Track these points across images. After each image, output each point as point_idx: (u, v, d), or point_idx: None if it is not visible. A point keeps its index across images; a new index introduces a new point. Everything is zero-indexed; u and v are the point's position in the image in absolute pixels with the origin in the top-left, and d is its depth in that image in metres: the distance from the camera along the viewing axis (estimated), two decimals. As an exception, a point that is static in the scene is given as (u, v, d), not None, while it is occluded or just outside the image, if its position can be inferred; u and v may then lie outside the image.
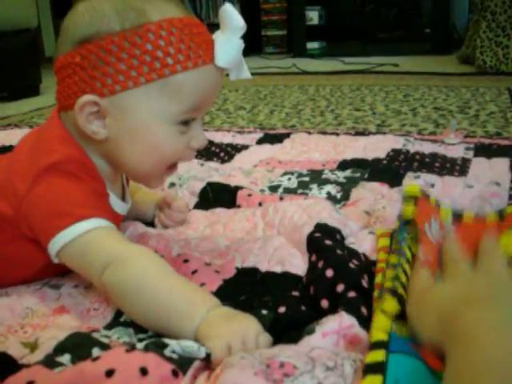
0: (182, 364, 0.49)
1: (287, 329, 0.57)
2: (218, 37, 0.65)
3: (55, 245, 0.63)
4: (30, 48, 2.86)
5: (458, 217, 0.74)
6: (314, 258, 0.71)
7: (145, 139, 0.65)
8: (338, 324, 0.55)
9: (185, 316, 0.55)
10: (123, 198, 0.77)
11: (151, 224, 0.90)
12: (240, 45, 0.65)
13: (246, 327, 0.54)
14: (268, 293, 0.65)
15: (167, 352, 0.50)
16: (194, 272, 0.71)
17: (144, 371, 0.47)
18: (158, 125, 0.64)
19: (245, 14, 3.86)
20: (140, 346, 0.51)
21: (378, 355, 0.47)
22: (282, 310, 0.60)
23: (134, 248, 0.63)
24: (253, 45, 4.27)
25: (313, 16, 4.07)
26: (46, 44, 5.22)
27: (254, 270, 0.71)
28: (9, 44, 2.70)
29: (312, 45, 4.10)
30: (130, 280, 0.59)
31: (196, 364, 0.50)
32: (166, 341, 0.51)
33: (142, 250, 0.63)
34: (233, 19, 0.63)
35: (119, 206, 0.74)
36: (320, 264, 0.68)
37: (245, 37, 0.66)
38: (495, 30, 2.70)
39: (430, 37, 3.83)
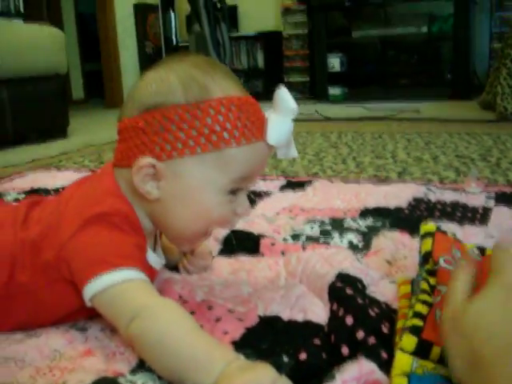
0: None
1: (308, 376, 0.58)
2: (271, 116, 0.70)
3: (90, 290, 0.65)
4: (59, 92, 2.96)
5: (481, 251, 0.75)
6: (335, 307, 0.73)
7: (194, 205, 0.69)
8: (358, 371, 0.56)
9: (204, 371, 0.57)
10: (154, 252, 0.79)
11: (176, 269, 0.91)
12: (291, 126, 0.70)
13: (261, 375, 0.55)
14: (290, 341, 0.67)
15: None
16: (218, 320, 0.72)
17: None
18: (208, 192, 0.69)
19: (268, 60, 3.94)
20: None
21: None
22: (302, 356, 0.62)
23: (161, 302, 0.65)
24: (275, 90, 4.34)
25: (334, 63, 4.15)
26: (73, 88, 5.37)
27: (276, 318, 0.72)
28: (40, 88, 2.81)
29: (334, 90, 4.16)
30: (153, 334, 0.61)
31: None
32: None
33: (168, 304, 0.65)
34: (286, 102, 0.69)
35: (155, 262, 0.77)
36: (340, 312, 0.69)
37: (268, 82, 0.70)
38: (516, 78, 2.73)
39: (451, 83, 3.87)
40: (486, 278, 0.51)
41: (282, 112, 0.69)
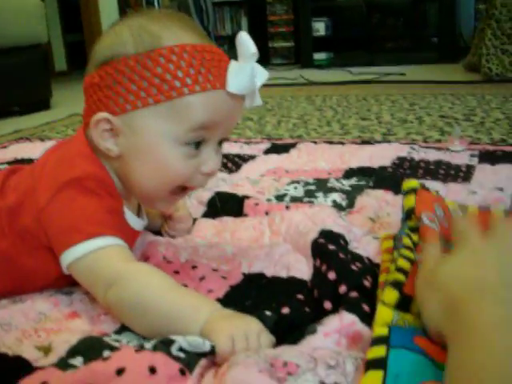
0: (189, 363, 0.51)
1: (290, 330, 0.59)
2: (231, 63, 0.67)
3: (66, 258, 0.66)
4: (41, 63, 2.91)
5: (463, 208, 0.76)
6: (318, 263, 0.73)
7: (151, 159, 0.67)
8: (339, 323, 0.56)
9: (189, 320, 0.58)
10: (138, 215, 0.79)
11: (160, 234, 0.92)
12: (252, 71, 0.66)
13: (248, 324, 0.57)
14: (273, 297, 0.67)
15: (174, 351, 0.52)
16: (202, 279, 0.73)
17: (152, 370, 0.49)
18: (163, 144, 0.66)
19: (252, 26, 3.90)
20: (148, 346, 0.53)
21: (378, 351, 0.48)
22: (285, 310, 0.62)
23: (136, 266, 0.65)
24: (260, 56, 4.29)
25: (319, 27, 4.11)
26: (56, 59, 5.28)
27: (260, 275, 0.73)
28: (19, 59, 2.76)
29: (319, 55, 4.13)
30: (131, 297, 0.61)
31: (202, 362, 0.52)
32: (173, 337, 0.54)
33: (143, 268, 0.66)
34: (245, 46, 0.66)
35: (136, 223, 0.76)
36: (323, 268, 0.70)
37: None
38: (500, 38, 2.72)
39: (437, 46, 3.85)
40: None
41: (242, 57, 0.66)
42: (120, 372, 0.49)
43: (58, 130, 2.13)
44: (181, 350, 0.52)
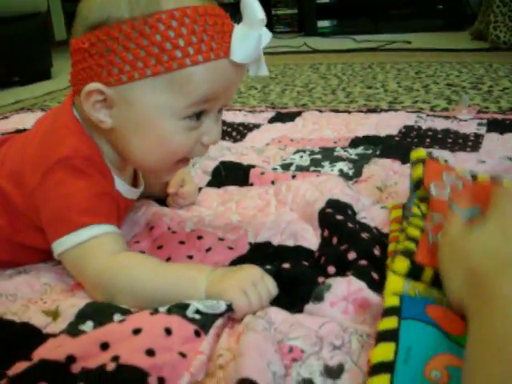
0: (204, 325, 0.52)
1: (291, 285, 0.59)
2: (236, 30, 0.61)
3: (56, 248, 0.65)
4: (40, 32, 2.86)
5: (473, 176, 0.74)
6: (326, 233, 0.72)
7: (150, 133, 0.63)
8: (347, 289, 0.56)
9: (191, 292, 0.57)
10: (135, 183, 0.77)
11: (163, 202, 0.90)
12: (259, 39, 0.61)
13: (250, 272, 0.58)
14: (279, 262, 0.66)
15: (189, 313, 0.53)
16: (208, 250, 0.72)
17: (168, 331, 0.50)
18: (163, 119, 0.62)
19: (255, -7, 3.75)
20: (163, 309, 0.53)
21: (390, 322, 0.48)
22: (285, 266, 0.63)
23: (120, 259, 0.63)
24: (263, 24, 4.23)
25: (323, -6, 4.03)
26: (56, 28, 5.22)
27: (266, 244, 0.72)
28: (19, 29, 2.71)
29: (323, 23, 4.06)
30: (124, 292, 0.60)
31: (218, 323, 0.53)
32: (188, 301, 0.54)
33: (127, 259, 0.64)
34: (252, 11, 0.60)
35: (129, 192, 0.75)
36: (332, 239, 0.69)
37: None
38: (509, 5, 2.66)
39: (443, 13, 3.78)
40: (480, 203, 0.56)
41: (248, 24, 0.60)
42: (137, 331, 0.50)
43: (59, 100, 2.11)
44: (196, 312, 0.53)
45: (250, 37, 0.60)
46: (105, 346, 0.49)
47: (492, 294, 0.43)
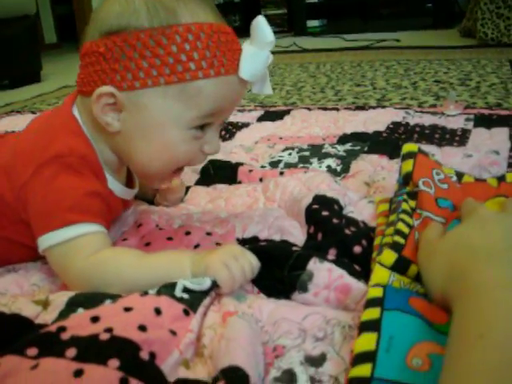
0: (192, 304, 0.53)
1: (270, 262, 0.61)
2: (246, 48, 0.64)
3: (41, 243, 0.65)
4: (29, 35, 2.86)
5: (459, 176, 0.76)
6: (312, 229, 0.73)
7: (157, 140, 0.65)
8: (328, 277, 0.57)
9: (176, 272, 0.59)
10: (130, 185, 0.78)
11: (152, 203, 0.91)
12: (266, 59, 0.65)
13: (230, 248, 0.60)
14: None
15: (178, 293, 0.54)
16: (196, 246, 0.72)
17: (158, 311, 0.51)
18: (171, 127, 0.64)
19: (244, -7, 3.75)
20: (152, 291, 0.54)
21: (372, 313, 0.48)
22: (261, 244, 0.65)
23: (102, 255, 0.63)
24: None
25: (312, -7, 4.05)
26: (45, 31, 5.21)
27: (253, 239, 0.72)
28: (7, 31, 2.70)
29: (312, 23, 4.08)
30: (110, 283, 0.60)
31: (206, 302, 0.54)
32: (175, 281, 0.56)
33: (109, 253, 0.64)
34: (263, 33, 0.63)
35: (124, 193, 0.75)
36: (318, 236, 0.70)
37: (244, 17, 0.65)
38: (496, 2, 2.68)
39: (432, 11, 3.80)
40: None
41: (258, 44, 0.64)
42: (127, 309, 0.51)
43: (48, 103, 2.11)
44: (184, 290, 0.54)
45: (259, 56, 0.64)
46: (95, 319, 0.49)
47: (473, 280, 0.44)
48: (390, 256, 0.57)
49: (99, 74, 0.64)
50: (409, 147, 0.74)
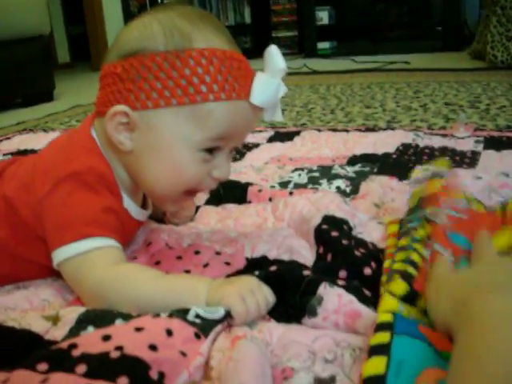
0: (203, 328, 0.53)
1: (282, 287, 0.60)
2: (258, 75, 0.66)
3: (56, 257, 0.66)
4: (43, 54, 2.90)
5: (470, 201, 0.75)
6: (321, 250, 0.73)
7: (166, 159, 0.67)
8: (338, 302, 0.57)
9: (191, 299, 0.59)
10: (143, 206, 0.79)
11: (162, 222, 0.91)
12: (278, 87, 0.67)
13: (248, 281, 0.60)
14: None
15: (190, 317, 0.54)
16: (206, 265, 0.72)
17: (169, 332, 0.51)
18: (181, 148, 0.66)
19: (255, 15, 3.87)
20: (164, 314, 0.54)
21: (382, 337, 0.48)
22: (272, 268, 0.64)
23: (119, 270, 0.64)
24: (264, 46, 4.27)
25: (323, 16, 4.09)
26: (59, 51, 5.28)
27: (262, 259, 0.72)
28: (22, 51, 2.75)
29: (323, 45, 4.12)
30: (124, 302, 0.60)
31: (217, 329, 0.54)
32: (188, 307, 0.56)
33: (126, 269, 0.65)
34: (275, 61, 0.66)
35: (139, 214, 0.76)
36: (326, 255, 0.70)
37: (255, 38, 0.67)
38: (505, 25, 2.70)
39: (441, 34, 3.83)
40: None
41: (270, 71, 0.66)
42: (139, 329, 0.51)
43: (61, 121, 2.13)
44: (197, 317, 0.54)
45: (271, 83, 0.66)
46: (107, 338, 0.49)
47: (475, 309, 0.45)
48: (401, 286, 0.56)
49: (115, 94, 0.66)
50: (440, 163, 0.74)
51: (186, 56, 0.63)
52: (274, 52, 0.66)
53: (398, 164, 1.14)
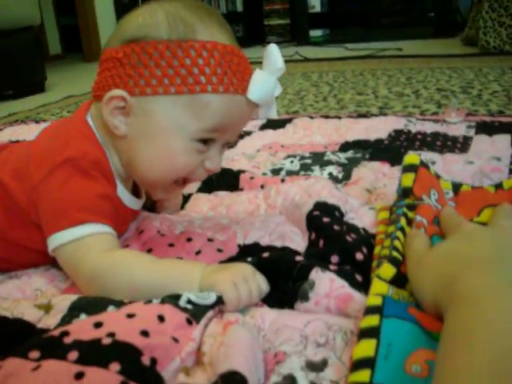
0: (195, 314, 0.53)
1: (275, 273, 0.61)
2: (256, 72, 0.68)
3: (51, 242, 0.66)
4: (34, 46, 2.88)
5: (456, 188, 0.76)
6: (313, 236, 0.73)
7: (160, 146, 0.67)
8: (329, 287, 0.57)
9: (185, 283, 0.59)
10: (137, 195, 0.79)
11: (152, 210, 0.91)
12: (275, 84, 0.68)
13: (242, 268, 0.60)
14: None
15: (182, 303, 0.54)
16: (198, 252, 0.72)
17: (161, 318, 0.51)
18: (175, 136, 0.66)
19: (247, 3, 3.86)
20: (156, 300, 0.55)
21: (372, 320, 0.48)
22: (265, 255, 0.64)
23: (113, 255, 0.64)
24: (256, 34, 4.27)
25: (315, 3, 4.07)
26: (50, 42, 5.24)
27: (255, 245, 0.73)
28: (13, 42, 2.73)
29: (315, 32, 4.10)
30: (119, 287, 0.61)
31: (209, 314, 0.54)
32: (180, 292, 0.56)
33: (121, 254, 0.65)
34: (274, 59, 0.67)
35: (133, 202, 0.76)
36: (320, 243, 0.70)
37: (247, 26, 0.67)
38: (498, 10, 2.70)
39: (434, 21, 3.82)
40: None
41: (268, 69, 0.67)
42: (130, 316, 0.51)
43: (52, 113, 2.12)
44: (188, 302, 0.55)
45: (268, 81, 0.67)
46: (98, 325, 0.49)
47: (462, 286, 0.45)
48: (389, 270, 0.57)
49: (114, 79, 0.66)
50: (411, 159, 0.74)
51: (188, 46, 0.64)
52: (274, 51, 0.67)
53: (390, 150, 1.14)
